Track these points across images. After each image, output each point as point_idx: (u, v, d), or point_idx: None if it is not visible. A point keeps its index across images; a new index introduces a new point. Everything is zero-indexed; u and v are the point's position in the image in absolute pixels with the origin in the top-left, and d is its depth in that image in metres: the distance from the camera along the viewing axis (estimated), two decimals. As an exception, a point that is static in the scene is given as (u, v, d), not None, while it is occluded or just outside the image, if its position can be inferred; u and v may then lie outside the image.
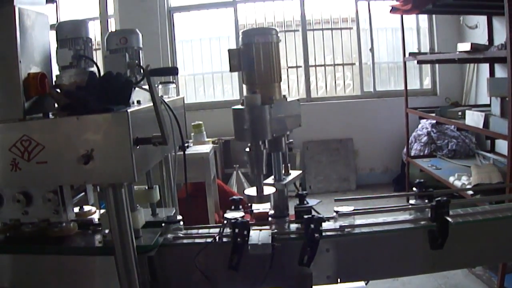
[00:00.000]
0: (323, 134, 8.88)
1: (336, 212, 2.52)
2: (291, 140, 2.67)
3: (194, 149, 5.92)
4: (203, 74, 9.40)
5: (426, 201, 2.62)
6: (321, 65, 9.36)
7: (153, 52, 8.24)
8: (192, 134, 6.56)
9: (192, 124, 6.57)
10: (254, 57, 2.42)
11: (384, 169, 9.11)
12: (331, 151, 8.91)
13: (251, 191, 2.49)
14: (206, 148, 5.94)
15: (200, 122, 6.63)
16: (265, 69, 2.44)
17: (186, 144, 5.63)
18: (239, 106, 2.38)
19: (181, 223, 2.58)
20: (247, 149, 2.44)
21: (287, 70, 9.26)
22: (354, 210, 2.53)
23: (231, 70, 2.47)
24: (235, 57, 2.44)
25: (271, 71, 2.45)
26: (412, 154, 7.92)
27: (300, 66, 9.24)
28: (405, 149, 8.00)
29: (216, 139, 7.64)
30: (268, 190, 2.49)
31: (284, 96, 2.56)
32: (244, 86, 2.53)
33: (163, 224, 2.53)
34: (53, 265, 2.34)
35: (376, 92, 9.22)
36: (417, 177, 6.96)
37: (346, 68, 9.43)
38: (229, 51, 2.45)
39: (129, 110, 1.93)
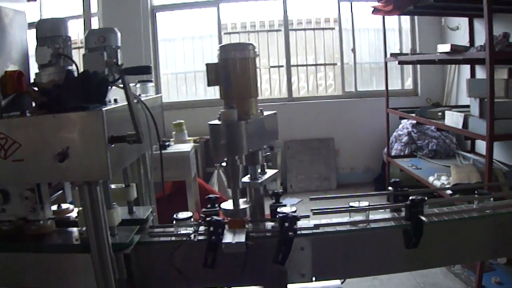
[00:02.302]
0: (304, 134, 8.92)
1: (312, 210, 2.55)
2: (268, 153, 2.70)
3: (175, 147, 5.93)
4: (185, 73, 9.38)
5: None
6: (303, 65, 9.39)
7: (136, 51, 8.25)
8: (174, 133, 6.55)
9: (173, 123, 6.56)
10: (231, 72, 2.45)
11: (364, 169, 9.16)
12: (312, 150, 8.94)
13: (227, 204, 2.52)
14: (187, 147, 5.95)
15: (182, 121, 6.62)
16: (242, 85, 2.46)
17: (167, 143, 5.68)
18: (216, 122, 2.40)
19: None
20: (224, 164, 2.47)
21: (269, 70, 9.30)
22: (329, 209, 2.56)
23: (208, 85, 2.50)
24: (212, 71, 2.46)
25: (247, 87, 2.47)
26: (393, 154, 7.97)
27: (282, 66, 9.26)
28: (385, 149, 8.05)
29: (197, 138, 7.64)
30: (244, 204, 2.52)
31: (261, 110, 2.59)
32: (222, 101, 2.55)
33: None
34: (31, 263, 2.34)
35: (358, 92, 9.26)
36: (397, 176, 7.04)
37: (328, 68, 9.46)
38: (207, 65, 2.47)
39: (104, 109, 1.94)
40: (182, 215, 2.52)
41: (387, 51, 7.82)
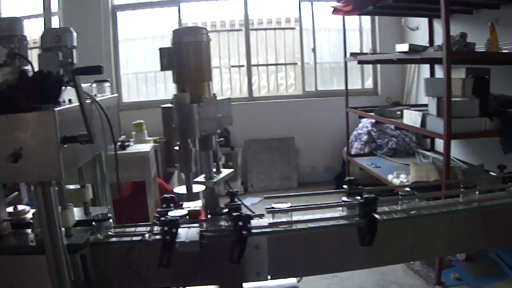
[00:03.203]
0: (264, 133, 8.95)
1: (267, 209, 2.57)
2: (221, 139, 2.71)
3: (134, 148, 5.88)
4: (146, 72, 9.30)
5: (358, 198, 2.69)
6: (264, 65, 9.41)
7: (96, 50, 8.16)
8: (133, 133, 6.52)
9: (133, 123, 6.54)
10: (184, 56, 2.46)
11: (325, 168, 9.21)
12: (272, 150, 8.96)
13: (181, 189, 2.52)
14: (146, 147, 5.90)
15: (141, 121, 6.59)
16: (194, 68, 2.48)
17: (126, 143, 5.64)
18: (168, 105, 2.42)
19: (111, 220, 2.58)
20: (176, 148, 2.47)
21: (230, 69, 9.29)
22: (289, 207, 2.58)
23: (161, 69, 2.51)
24: (165, 56, 2.48)
25: (200, 70, 2.50)
26: (353, 152, 8.03)
27: (243, 66, 9.26)
28: (345, 148, 8.11)
29: (157, 138, 7.59)
30: (198, 188, 2.52)
31: (214, 94, 2.60)
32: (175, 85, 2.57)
33: (93, 223, 2.53)
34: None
35: (318, 91, 9.30)
36: (357, 175, 7.11)
37: (289, 68, 9.49)
38: (160, 50, 2.49)
39: (56, 109, 1.94)
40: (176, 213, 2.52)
41: (348, 51, 7.87)
